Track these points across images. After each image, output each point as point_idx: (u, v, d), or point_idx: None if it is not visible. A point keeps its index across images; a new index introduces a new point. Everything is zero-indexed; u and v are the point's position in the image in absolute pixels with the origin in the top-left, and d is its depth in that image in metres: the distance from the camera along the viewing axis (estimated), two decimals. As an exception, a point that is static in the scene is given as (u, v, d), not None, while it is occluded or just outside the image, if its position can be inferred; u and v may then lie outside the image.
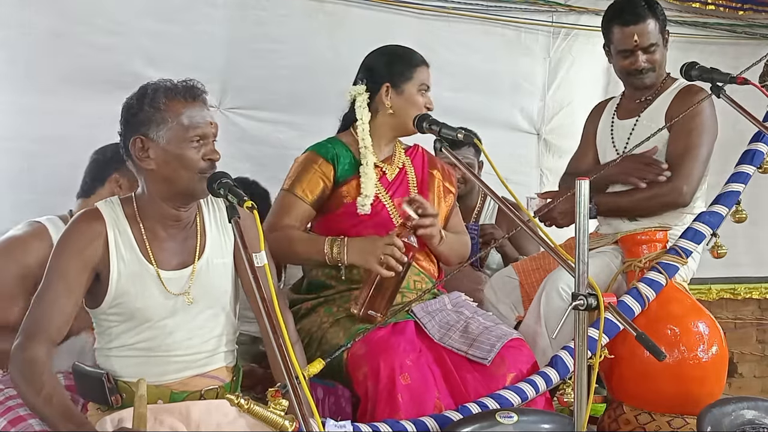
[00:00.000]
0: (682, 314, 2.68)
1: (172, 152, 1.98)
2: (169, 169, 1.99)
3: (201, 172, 1.99)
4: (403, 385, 2.30)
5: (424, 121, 2.46)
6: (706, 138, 2.86)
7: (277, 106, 3.93)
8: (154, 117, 1.99)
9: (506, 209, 2.14)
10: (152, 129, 1.99)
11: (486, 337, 2.47)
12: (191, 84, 2.05)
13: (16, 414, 2.26)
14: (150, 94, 2.01)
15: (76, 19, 3.54)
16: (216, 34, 3.79)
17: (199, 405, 2.04)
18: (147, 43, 3.62)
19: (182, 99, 2.01)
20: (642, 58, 2.93)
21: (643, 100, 2.99)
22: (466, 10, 4.29)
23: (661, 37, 2.94)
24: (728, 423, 2.36)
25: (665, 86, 2.97)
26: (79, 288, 1.98)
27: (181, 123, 1.99)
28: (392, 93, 2.63)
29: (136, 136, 2.00)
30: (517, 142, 4.49)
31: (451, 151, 2.34)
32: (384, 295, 2.42)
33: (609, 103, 3.18)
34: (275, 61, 3.91)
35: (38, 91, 3.44)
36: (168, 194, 2.03)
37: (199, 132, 2.00)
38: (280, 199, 2.64)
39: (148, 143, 2.00)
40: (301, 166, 2.64)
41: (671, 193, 2.83)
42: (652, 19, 2.92)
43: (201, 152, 2.00)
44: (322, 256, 2.49)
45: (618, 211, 2.91)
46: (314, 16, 3.98)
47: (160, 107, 1.99)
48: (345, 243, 2.48)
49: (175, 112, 1.99)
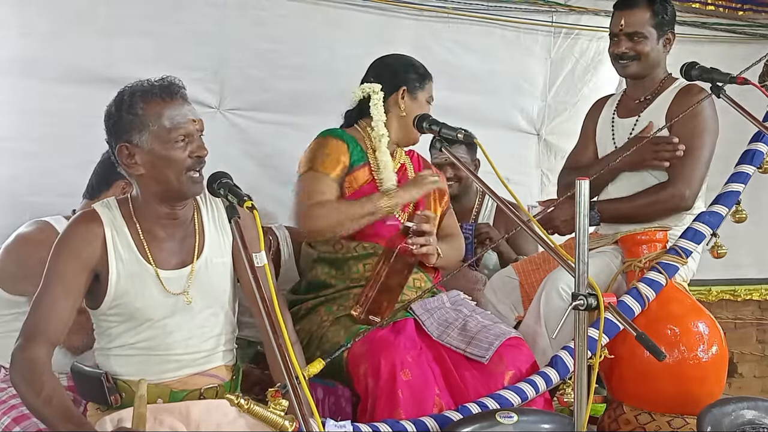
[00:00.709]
0: (682, 314, 2.68)
1: (158, 155, 1.98)
2: (156, 172, 1.99)
3: (189, 170, 1.99)
4: (403, 381, 2.30)
5: (424, 121, 2.48)
6: (708, 139, 2.85)
7: (277, 107, 3.93)
8: (134, 123, 1.98)
9: (505, 209, 2.14)
10: (135, 135, 1.98)
11: (484, 335, 2.48)
12: (168, 82, 2.03)
13: (20, 412, 2.26)
14: (127, 100, 2.00)
15: (75, 19, 3.54)
16: (215, 34, 3.79)
17: (199, 405, 2.04)
18: (146, 43, 3.62)
19: (160, 100, 2.00)
20: (625, 44, 2.94)
21: (642, 100, 2.99)
22: (466, 10, 4.29)
23: (656, 32, 2.93)
24: (728, 423, 2.36)
25: (665, 86, 2.97)
26: (77, 290, 1.98)
27: (162, 125, 1.98)
28: (407, 97, 2.69)
29: (121, 144, 2.00)
30: (517, 143, 4.49)
31: (451, 151, 2.35)
32: (388, 297, 2.42)
33: (609, 99, 3.18)
34: (275, 62, 3.91)
35: (37, 91, 3.44)
36: (161, 195, 2.03)
37: (182, 131, 1.99)
38: (306, 181, 2.60)
39: (134, 149, 1.99)
40: (317, 148, 2.65)
41: (673, 198, 2.83)
42: (646, 10, 2.93)
43: (187, 150, 2.00)
44: (376, 210, 2.53)
45: (620, 217, 2.90)
46: (313, 16, 3.98)
47: (138, 112, 1.98)
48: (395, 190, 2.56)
49: (155, 115, 1.98)
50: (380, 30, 4.01)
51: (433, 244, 2.57)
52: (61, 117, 3.43)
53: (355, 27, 4.04)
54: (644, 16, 2.93)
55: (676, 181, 2.82)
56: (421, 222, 2.54)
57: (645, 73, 2.97)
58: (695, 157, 2.82)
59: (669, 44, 2.98)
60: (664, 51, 2.97)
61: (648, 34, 2.93)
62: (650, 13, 2.93)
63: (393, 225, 2.63)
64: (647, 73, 2.97)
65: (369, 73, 2.76)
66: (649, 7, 2.94)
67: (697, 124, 2.83)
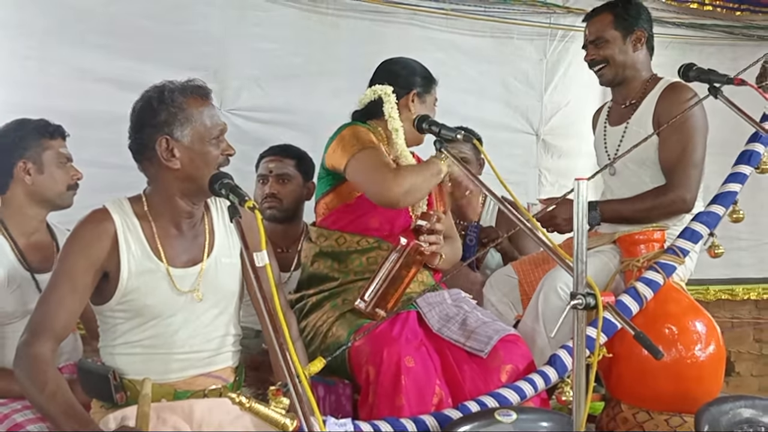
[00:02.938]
0: (679, 313, 2.69)
1: (198, 151, 2.01)
2: (193, 167, 2.02)
3: (219, 167, 2.03)
4: (407, 368, 2.31)
5: (423, 121, 2.49)
6: (699, 139, 2.85)
7: (276, 107, 3.94)
8: (177, 117, 2.01)
9: (505, 208, 2.15)
10: (176, 129, 2.01)
11: (484, 330, 2.50)
12: (200, 83, 2.08)
13: (14, 421, 2.25)
14: (168, 95, 2.02)
15: (74, 19, 3.55)
16: (215, 34, 3.79)
17: (202, 403, 2.05)
18: (145, 42, 3.63)
19: (198, 98, 2.04)
20: (591, 52, 2.99)
21: (629, 105, 2.99)
22: (463, 11, 4.30)
23: (620, 34, 2.94)
24: (726, 421, 2.36)
25: (650, 87, 2.96)
26: (84, 287, 1.99)
27: (203, 122, 2.02)
28: (417, 100, 2.71)
29: (161, 136, 2.01)
30: (515, 143, 4.50)
31: (451, 152, 2.35)
32: (394, 292, 2.45)
33: (603, 108, 3.19)
34: (274, 62, 3.92)
35: (36, 91, 3.44)
36: (188, 191, 2.05)
37: (218, 130, 2.05)
38: (367, 157, 2.54)
39: (173, 143, 2.01)
40: (353, 133, 2.62)
41: (674, 203, 2.84)
42: (607, 15, 2.96)
43: (219, 149, 2.05)
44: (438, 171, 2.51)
45: (620, 219, 2.91)
46: (311, 17, 3.99)
47: (183, 106, 2.01)
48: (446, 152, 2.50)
49: (197, 112, 2.02)
50: (377, 31, 4.02)
51: (441, 243, 2.61)
52: (59, 117, 3.43)
53: (353, 28, 4.05)
54: (605, 21, 2.96)
55: (676, 187, 2.83)
56: (435, 221, 2.56)
57: (621, 77, 2.98)
58: (690, 160, 2.83)
59: (639, 43, 2.96)
60: (634, 51, 2.95)
61: (610, 38, 2.95)
62: (611, 17, 2.96)
63: (396, 221, 2.63)
64: (624, 76, 2.97)
65: (379, 75, 2.76)
66: (609, 12, 2.96)
67: (688, 126, 2.82)
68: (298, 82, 3.95)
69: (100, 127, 3.47)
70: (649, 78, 2.99)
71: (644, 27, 2.97)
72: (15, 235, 2.47)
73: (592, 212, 2.87)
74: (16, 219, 2.50)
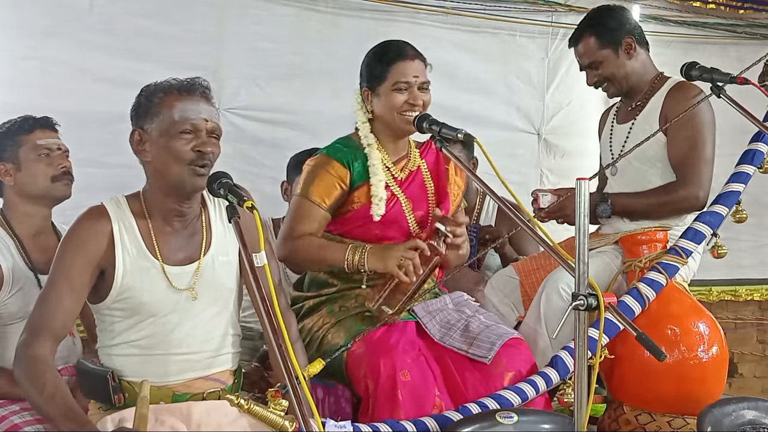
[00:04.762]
0: (682, 314, 2.67)
1: (163, 144, 2.02)
2: (160, 162, 2.03)
3: (190, 164, 2.00)
4: (403, 382, 2.30)
5: (424, 121, 2.46)
6: (708, 135, 2.84)
7: (275, 107, 3.93)
8: (149, 111, 2.04)
9: (505, 208, 2.14)
10: (147, 122, 2.04)
11: (486, 336, 2.47)
12: (192, 81, 2.08)
13: (11, 423, 2.24)
14: (150, 90, 2.07)
15: (74, 19, 3.55)
16: (214, 33, 3.79)
17: (200, 405, 2.04)
18: (145, 42, 3.63)
19: (177, 93, 2.04)
20: (590, 75, 2.99)
21: (635, 105, 2.98)
22: (464, 10, 4.29)
23: (610, 49, 2.92)
24: (728, 423, 2.35)
25: (657, 86, 2.95)
26: (82, 286, 1.99)
27: (171, 116, 2.02)
28: (372, 97, 2.59)
29: (135, 129, 2.07)
30: (516, 142, 4.50)
31: (451, 152, 2.34)
32: (404, 292, 2.42)
33: (612, 108, 3.18)
34: (273, 61, 3.92)
35: (36, 91, 3.44)
36: (165, 188, 2.05)
37: (189, 125, 2.02)
38: (296, 205, 2.56)
39: (144, 135, 2.05)
40: (315, 171, 2.56)
41: (687, 200, 2.82)
42: (589, 36, 2.94)
43: (191, 144, 2.01)
44: (344, 263, 2.47)
45: (631, 213, 2.90)
46: (310, 16, 3.98)
47: (155, 101, 2.04)
48: (366, 250, 2.45)
49: (168, 106, 2.03)
50: (377, 30, 4.01)
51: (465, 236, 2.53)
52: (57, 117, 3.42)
53: (353, 27, 4.04)
54: (590, 44, 2.95)
55: (688, 183, 2.81)
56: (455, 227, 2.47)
57: (627, 87, 2.97)
58: (700, 157, 2.82)
59: (632, 49, 2.93)
60: (630, 59, 2.93)
61: (602, 58, 2.93)
62: (594, 38, 2.94)
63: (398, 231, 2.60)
64: (630, 85, 2.96)
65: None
66: (591, 33, 2.94)
67: (696, 123, 2.81)
68: (297, 81, 3.95)
69: (99, 127, 3.47)
70: (656, 76, 2.98)
71: (630, 31, 2.94)
72: (20, 235, 2.49)
73: (603, 204, 2.88)
74: (17, 219, 2.52)
